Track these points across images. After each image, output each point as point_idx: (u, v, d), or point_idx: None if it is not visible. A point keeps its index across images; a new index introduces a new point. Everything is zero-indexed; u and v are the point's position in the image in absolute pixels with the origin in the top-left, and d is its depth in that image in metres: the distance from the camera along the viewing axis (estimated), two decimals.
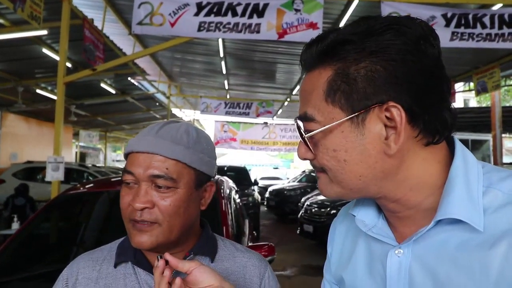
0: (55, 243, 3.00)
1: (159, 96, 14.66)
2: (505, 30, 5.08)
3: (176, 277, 0.74)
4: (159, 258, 0.75)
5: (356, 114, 0.59)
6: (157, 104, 16.13)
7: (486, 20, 5.16)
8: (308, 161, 0.68)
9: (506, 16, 5.16)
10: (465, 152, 0.64)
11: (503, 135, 11.57)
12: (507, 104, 26.32)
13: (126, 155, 0.89)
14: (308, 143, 0.63)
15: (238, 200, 4.04)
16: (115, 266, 0.89)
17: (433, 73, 0.59)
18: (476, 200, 0.58)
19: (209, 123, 24.84)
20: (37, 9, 4.37)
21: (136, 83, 12.54)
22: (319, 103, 0.62)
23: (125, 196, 0.85)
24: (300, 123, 0.64)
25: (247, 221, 4.22)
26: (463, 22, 5.14)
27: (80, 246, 2.61)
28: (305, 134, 0.63)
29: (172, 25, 5.18)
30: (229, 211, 2.96)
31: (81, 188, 3.00)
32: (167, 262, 0.75)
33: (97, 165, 18.41)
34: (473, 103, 27.34)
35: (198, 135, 0.91)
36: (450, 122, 0.61)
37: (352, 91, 0.59)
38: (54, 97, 12.09)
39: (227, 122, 14.36)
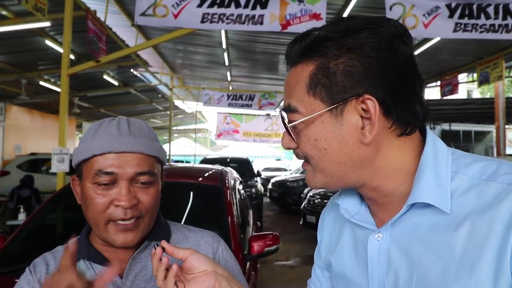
0: (62, 232, 3.05)
1: (162, 87, 14.67)
2: (509, 21, 5.05)
3: (173, 264, 0.77)
4: (155, 246, 0.78)
5: (335, 105, 0.63)
6: (160, 96, 16.15)
7: (490, 10, 5.13)
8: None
9: (511, 6, 5.13)
10: (436, 141, 0.68)
11: (506, 126, 11.55)
12: (511, 95, 26.20)
13: (89, 156, 0.87)
14: (292, 133, 0.68)
15: (242, 191, 4.08)
16: None
17: (406, 70, 0.64)
18: (444, 184, 0.62)
19: (212, 115, 24.86)
20: (41, 0, 4.37)
21: (138, 75, 12.54)
22: (301, 95, 0.66)
23: (101, 197, 0.85)
24: (284, 114, 0.68)
25: (251, 212, 4.26)
26: (467, 12, 5.11)
27: None
28: (289, 124, 0.68)
29: (175, 16, 5.17)
30: (234, 201, 2.99)
31: None
32: (163, 250, 0.78)
33: None
34: (477, 94, 27.21)
35: (150, 128, 0.96)
36: (421, 114, 0.65)
37: (332, 84, 0.63)
38: (57, 89, 12.13)
39: (230, 114, 14.36)
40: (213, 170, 3.40)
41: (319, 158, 0.66)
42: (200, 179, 3.16)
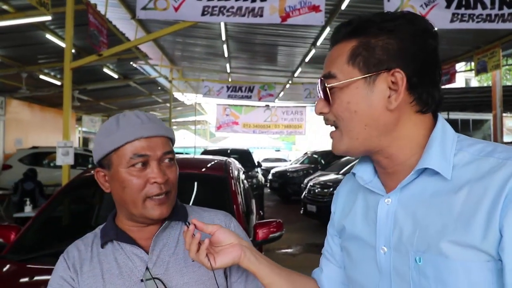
0: (72, 223, 3.15)
1: (161, 80, 14.70)
2: (505, 11, 5.12)
3: (204, 239, 0.88)
4: (187, 224, 0.90)
5: (370, 75, 0.75)
6: (159, 88, 16.18)
7: (487, 0, 5.19)
8: (309, 143, 0.81)
9: None
10: (445, 125, 0.80)
11: (504, 114, 11.64)
12: (509, 83, 26.24)
13: (120, 145, 0.98)
14: (329, 95, 0.79)
15: (245, 181, 4.17)
16: (102, 246, 1.04)
17: (431, 58, 0.76)
18: (448, 157, 0.74)
19: (211, 107, 24.87)
20: None
21: (138, 68, 12.57)
22: (341, 65, 0.78)
23: (138, 178, 0.97)
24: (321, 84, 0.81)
25: (253, 201, 4.37)
26: (464, 3, 5.17)
27: (98, 222, 2.76)
28: (328, 86, 0.79)
29: (176, 9, 5.22)
30: (238, 191, 3.09)
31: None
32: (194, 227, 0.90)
33: None
34: (475, 82, 27.25)
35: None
36: (437, 98, 0.78)
37: (370, 56, 0.75)
38: (57, 83, 12.17)
39: (229, 105, 14.41)
40: (218, 161, 3.50)
41: (349, 119, 0.77)
42: (206, 169, 3.26)
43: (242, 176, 4.01)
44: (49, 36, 8.31)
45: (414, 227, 0.75)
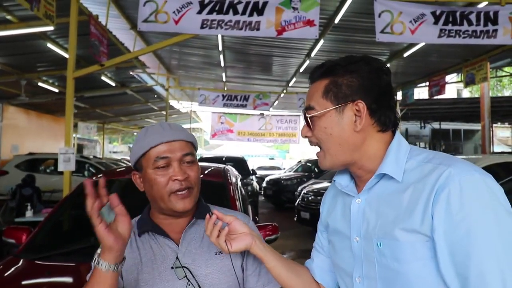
0: (80, 225, 3.30)
1: (157, 88, 14.87)
2: (490, 27, 5.40)
3: (224, 227, 1.08)
4: (210, 214, 1.09)
5: (339, 106, 0.98)
6: (155, 96, 16.34)
7: (472, 17, 5.47)
8: (303, 151, 1.04)
9: (491, 14, 5.48)
10: (400, 139, 1.03)
11: (495, 124, 11.95)
12: (499, 94, 26.71)
13: (146, 150, 1.17)
14: (310, 123, 1.02)
15: (241, 188, 4.34)
16: (139, 235, 1.20)
17: (385, 89, 1.00)
18: (401, 164, 0.98)
19: (206, 115, 25.00)
20: (50, 8, 4.62)
21: (135, 76, 12.74)
22: (318, 98, 1.01)
23: (162, 176, 1.15)
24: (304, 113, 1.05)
25: (249, 207, 4.54)
26: (450, 19, 5.45)
27: None
28: (308, 116, 1.02)
29: (176, 22, 5.42)
30: (237, 197, 3.26)
31: (108, 176, 3.31)
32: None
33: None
34: (466, 93, 27.73)
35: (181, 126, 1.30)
36: (393, 119, 1.02)
37: (338, 92, 0.98)
38: (55, 90, 12.31)
39: (224, 113, 14.60)
40: (216, 167, 3.68)
41: (327, 140, 1.00)
42: (205, 175, 3.43)
43: (239, 183, 4.19)
44: (50, 45, 8.48)
45: (376, 219, 0.98)
